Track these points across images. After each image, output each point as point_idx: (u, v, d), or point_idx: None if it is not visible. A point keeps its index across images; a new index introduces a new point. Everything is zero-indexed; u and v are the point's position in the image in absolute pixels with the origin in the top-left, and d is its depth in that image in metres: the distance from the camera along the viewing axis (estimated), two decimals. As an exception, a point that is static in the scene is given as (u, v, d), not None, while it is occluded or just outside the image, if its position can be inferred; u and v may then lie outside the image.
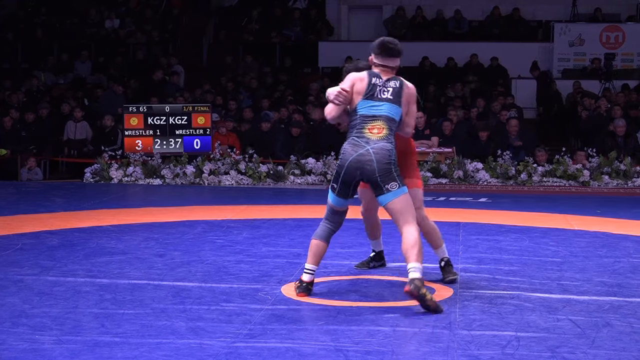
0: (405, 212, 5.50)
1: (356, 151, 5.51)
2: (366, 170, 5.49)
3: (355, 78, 5.64)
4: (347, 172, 5.53)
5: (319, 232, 5.72)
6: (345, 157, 5.55)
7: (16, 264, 6.58)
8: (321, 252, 5.71)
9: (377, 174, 5.47)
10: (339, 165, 5.59)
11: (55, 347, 4.47)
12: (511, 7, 20.20)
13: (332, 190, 5.65)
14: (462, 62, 18.84)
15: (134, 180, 13.16)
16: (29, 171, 13.92)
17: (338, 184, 5.60)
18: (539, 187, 12.88)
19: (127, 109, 13.79)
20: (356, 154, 5.50)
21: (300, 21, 20.28)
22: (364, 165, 5.48)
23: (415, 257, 5.34)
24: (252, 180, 13.12)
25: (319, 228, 5.73)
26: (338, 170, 5.60)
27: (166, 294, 5.64)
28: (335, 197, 5.65)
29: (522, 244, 7.72)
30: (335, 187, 5.62)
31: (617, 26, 19.30)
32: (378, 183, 5.49)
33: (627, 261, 6.98)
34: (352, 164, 5.51)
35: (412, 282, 5.23)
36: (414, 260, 5.34)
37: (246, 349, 4.48)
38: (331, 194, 5.67)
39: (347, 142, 5.59)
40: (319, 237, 5.70)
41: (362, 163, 5.48)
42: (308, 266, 5.69)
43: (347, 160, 5.53)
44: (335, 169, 5.67)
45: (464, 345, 4.58)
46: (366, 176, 5.51)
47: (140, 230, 8.29)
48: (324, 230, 5.71)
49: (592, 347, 4.57)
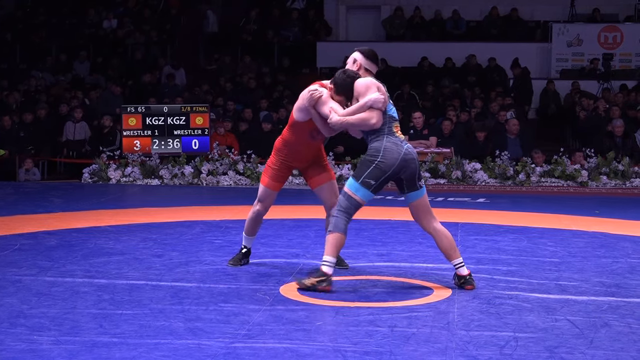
0: (430, 208, 5.88)
1: (401, 150, 5.72)
2: (410, 168, 5.74)
3: (376, 83, 5.83)
4: (395, 170, 5.70)
5: (340, 225, 5.75)
6: (392, 155, 5.71)
7: (14, 265, 6.57)
8: (342, 244, 5.80)
9: (417, 173, 5.78)
10: (383, 162, 5.70)
11: (53, 347, 4.47)
12: (509, 7, 20.22)
13: (367, 186, 5.73)
14: (460, 63, 18.85)
15: (132, 181, 13.16)
16: (26, 172, 13.91)
17: (378, 181, 5.72)
18: (537, 187, 12.89)
19: (125, 109, 13.80)
20: (403, 152, 5.72)
21: (298, 21, 20.29)
22: (409, 164, 5.73)
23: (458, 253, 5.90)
24: (251, 180, 13.13)
25: (336, 221, 5.74)
26: (381, 167, 5.70)
27: (164, 295, 5.64)
28: (369, 193, 5.75)
29: (520, 244, 7.73)
30: (373, 184, 5.73)
31: (615, 26, 19.31)
32: (415, 180, 5.78)
33: (625, 261, 6.98)
34: (401, 162, 5.71)
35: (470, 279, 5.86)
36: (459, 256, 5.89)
37: (244, 349, 4.48)
38: (364, 190, 5.74)
39: (386, 140, 5.74)
40: (341, 230, 5.75)
41: (408, 162, 5.73)
42: (330, 259, 5.73)
43: (396, 158, 5.70)
44: (373, 166, 5.72)
45: (462, 345, 4.58)
46: (408, 174, 5.75)
47: (138, 231, 8.28)
48: (344, 223, 5.76)
49: (591, 347, 4.57)
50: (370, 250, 7.35)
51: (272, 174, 6.41)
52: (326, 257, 5.74)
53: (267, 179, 6.42)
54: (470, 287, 5.85)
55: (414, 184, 5.78)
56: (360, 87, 5.80)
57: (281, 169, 6.40)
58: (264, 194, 6.44)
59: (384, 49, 18.58)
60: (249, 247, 6.70)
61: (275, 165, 6.40)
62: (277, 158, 6.40)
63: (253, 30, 20.14)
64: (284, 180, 6.48)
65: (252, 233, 6.66)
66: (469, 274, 5.89)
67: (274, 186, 6.42)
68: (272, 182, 6.40)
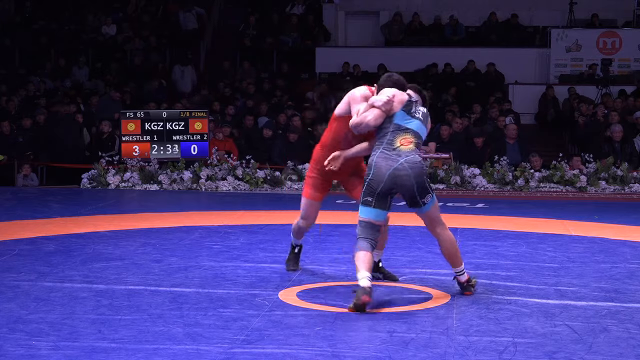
0: (438, 218, 5.79)
1: (391, 165, 5.56)
2: (404, 186, 5.58)
3: (397, 91, 5.80)
4: (385, 186, 5.56)
5: (361, 244, 5.59)
6: (380, 171, 5.57)
7: (13, 270, 6.57)
8: (371, 260, 5.63)
9: (415, 191, 5.59)
10: (373, 180, 5.59)
11: (52, 353, 4.46)
12: (508, 12, 20.24)
13: (367, 204, 5.62)
14: (459, 68, 18.86)
15: (131, 186, 13.16)
16: (24, 178, 13.90)
17: (374, 198, 5.60)
18: (536, 192, 12.89)
19: (124, 114, 13.80)
20: (392, 168, 5.56)
21: (297, 27, 20.30)
22: (402, 181, 5.56)
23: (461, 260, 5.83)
24: (249, 186, 13.12)
25: (358, 243, 5.61)
26: (372, 185, 5.59)
27: (163, 300, 5.64)
28: (373, 210, 5.61)
29: (519, 249, 7.73)
30: (371, 201, 5.61)
31: (613, 32, 19.32)
32: (416, 198, 5.62)
33: (624, 267, 6.98)
34: (390, 178, 5.55)
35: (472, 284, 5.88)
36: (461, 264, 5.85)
37: (243, 354, 4.47)
38: (367, 209, 5.62)
39: (377, 155, 5.62)
40: (365, 249, 5.58)
41: (400, 178, 5.56)
42: (365, 273, 5.47)
43: (383, 174, 5.56)
44: (366, 184, 5.64)
45: (461, 351, 4.58)
46: (404, 191, 5.60)
47: (137, 236, 8.28)
48: (364, 242, 5.60)
49: (590, 352, 4.57)
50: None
51: (312, 183, 6.26)
52: (360, 274, 5.47)
53: (309, 190, 6.28)
54: (469, 293, 5.85)
55: (415, 201, 5.63)
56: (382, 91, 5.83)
57: (321, 178, 6.24)
58: (307, 207, 6.30)
59: (383, 54, 18.63)
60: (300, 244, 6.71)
61: (314, 173, 6.26)
62: (316, 169, 6.25)
63: (252, 36, 20.16)
64: (326, 190, 6.32)
65: (299, 237, 6.65)
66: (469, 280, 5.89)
67: (317, 197, 6.27)
68: (314, 192, 6.26)
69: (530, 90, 18.33)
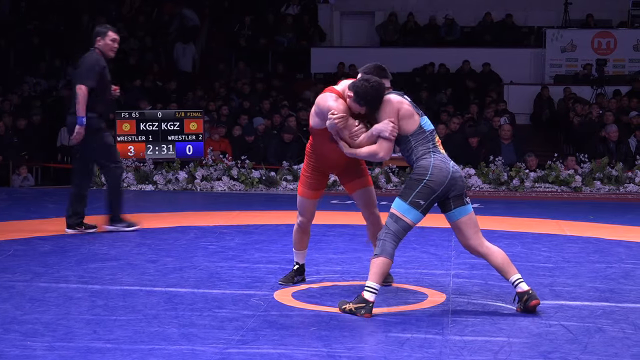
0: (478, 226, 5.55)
1: (449, 168, 5.40)
2: (458, 186, 5.43)
3: (395, 103, 5.46)
4: (444, 189, 5.36)
5: (388, 249, 5.36)
6: (442, 172, 5.36)
7: (8, 270, 6.55)
8: (388, 270, 5.45)
9: (464, 189, 5.49)
10: (434, 181, 5.34)
11: (47, 353, 4.46)
12: (503, 13, 20.27)
13: (416, 206, 5.37)
14: (455, 68, 18.88)
15: (126, 186, 13.13)
16: (22, 179, 13.87)
17: (427, 201, 5.37)
18: (531, 192, 12.91)
19: (119, 114, 13.79)
20: (452, 170, 5.40)
21: (292, 27, 20.30)
22: (458, 182, 5.42)
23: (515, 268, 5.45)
24: (245, 186, 13.12)
25: (384, 245, 5.36)
26: (431, 186, 5.35)
27: (158, 300, 5.63)
28: (419, 215, 5.39)
29: (514, 249, 7.72)
30: (423, 204, 5.36)
31: (608, 32, 19.36)
32: (462, 196, 5.45)
33: (619, 267, 6.99)
34: (450, 181, 5.37)
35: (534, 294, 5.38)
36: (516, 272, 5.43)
37: (238, 355, 4.47)
38: (414, 210, 5.37)
39: (433, 157, 5.40)
40: (388, 255, 5.35)
41: (457, 179, 5.42)
42: (373, 285, 5.29)
43: (445, 176, 5.36)
44: (422, 185, 5.37)
45: (457, 351, 4.58)
46: (457, 191, 5.42)
47: (132, 236, 8.27)
48: (392, 248, 5.38)
49: (585, 352, 4.58)
50: (365, 255, 7.32)
51: (305, 181, 6.00)
52: (369, 283, 5.28)
53: (302, 188, 6.03)
54: (536, 302, 5.37)
55: (461, 199, 5.43)
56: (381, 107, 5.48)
57: (315, 176, 5.99)
58: (301, 205, 6.05)
59: (378, 54, 18.59)
60: (301, 263, 6.21)
61: (307, 172, 6.01)
62: (308, 164, 6.02)
63: (247, 36, 20.15)
64: (321, 187, 6.06)
65: (300, 247, 6.19)
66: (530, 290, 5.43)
67: (310, 194, 6.02)
68: (308, 190, 6.00)
69: (525, 90, 18.36)
